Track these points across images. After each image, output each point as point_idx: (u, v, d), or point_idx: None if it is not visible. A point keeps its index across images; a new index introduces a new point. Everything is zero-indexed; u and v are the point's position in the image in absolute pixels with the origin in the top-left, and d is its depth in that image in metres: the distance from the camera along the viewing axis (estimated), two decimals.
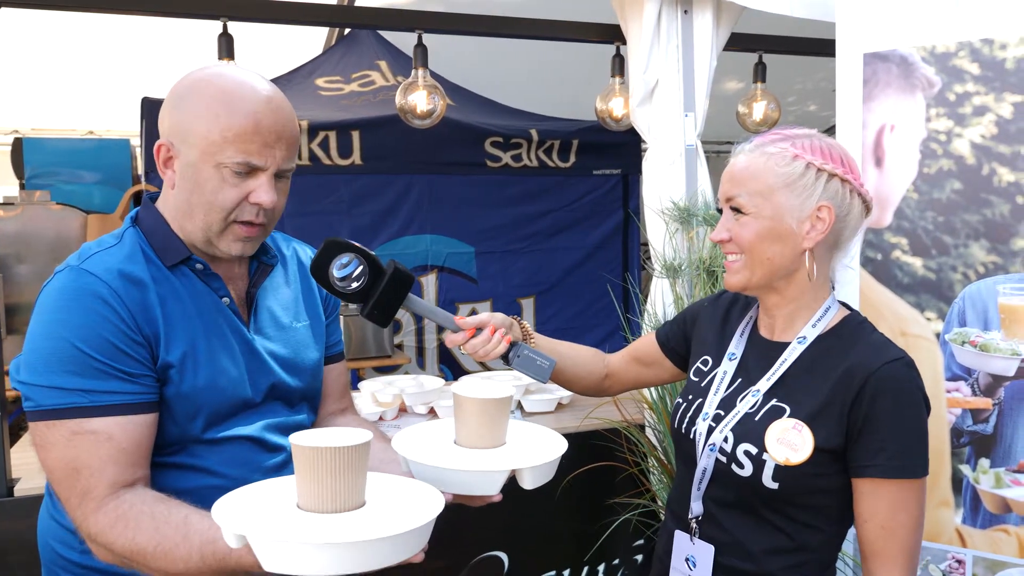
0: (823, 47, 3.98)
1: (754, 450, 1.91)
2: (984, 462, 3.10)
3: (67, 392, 1.76)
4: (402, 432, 2.11)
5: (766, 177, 1.92)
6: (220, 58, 4.29)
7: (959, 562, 3.17)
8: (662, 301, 4.01)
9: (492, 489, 1.89)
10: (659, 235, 4.07)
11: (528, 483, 1.93)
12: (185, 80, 1.91)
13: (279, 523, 1.53)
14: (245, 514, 1.57)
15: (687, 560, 2.07)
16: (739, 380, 2.06)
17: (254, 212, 1.91)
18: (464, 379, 4.48)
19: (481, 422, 1.97)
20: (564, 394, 4.30)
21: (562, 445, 2.02)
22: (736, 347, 2.11)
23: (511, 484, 1.96)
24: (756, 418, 1.95)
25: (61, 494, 1.80)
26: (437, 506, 1.64)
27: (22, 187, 7.55)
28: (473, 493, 1.90)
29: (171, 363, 1.86)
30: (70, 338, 1.77)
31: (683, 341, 2.34)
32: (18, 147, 7.59)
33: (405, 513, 1.60)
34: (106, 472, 1.76)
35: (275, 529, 1.51)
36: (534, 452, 1.97)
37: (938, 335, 3.17)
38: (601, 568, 4.15)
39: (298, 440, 1.57)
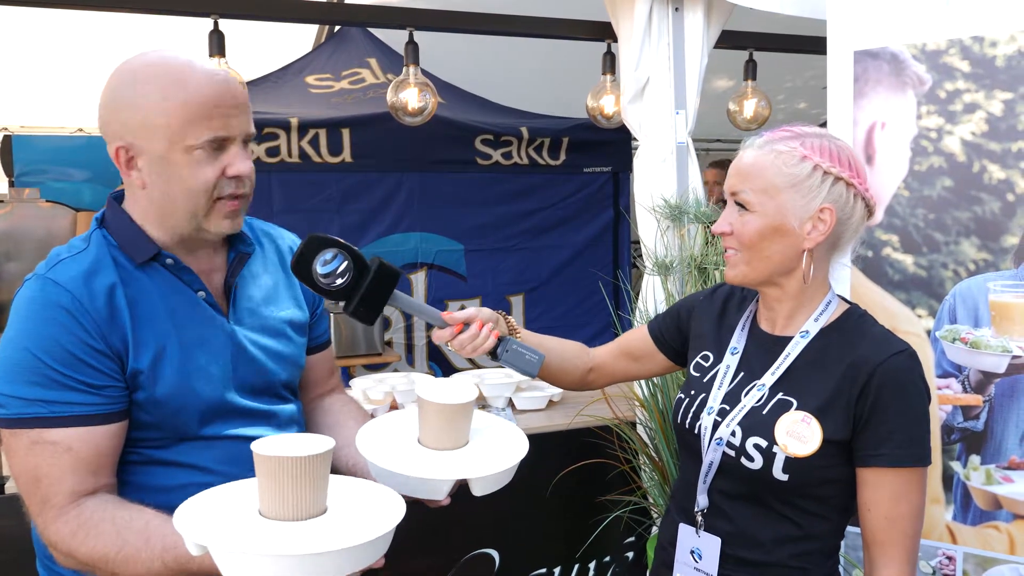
0: (814, 45, 3.99)
1: (764, 443, 1.93)
2: (975, 459, 3.11)
3: (28, 402, 1.76)
4: (372, 423, 2.13)
5: (772, 176, 1.93)
6: (211, 55, 4.28)
7: (949, 558, 3.18)
8: (653, 298, 4.01)
9: (438, 495, 1.91)
10: (650, 232, 4.08)
11: (478, 491, 1.93)
12: (124, 74, 1.87)
13: (239, 531, 1.54)
14: (206, 522, 1.57)
15: (692, 552, 2.08)
16: (742, 374, 2.08)
17: (234, 185, 1.90)
18: (429, 380, 4.48)
19: (440, 425, 1.97)
20: (555, 392, 4.31)
21: (518, 454, 2.00)
22: (737, 341, 2.13)
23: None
24: (764, 412, 1.97)
25: (25, 499, 1.82)
26: (398, 514, 1.64)
27: (11, 184, 7.52)
28: (418, 496, 1.91)
29: (141, 368, 1.85)
30: (32, 349, 1.77)
31: (677, 335, 2.35)
32: (7, 144, 7.55)
33: (366, 521, 1.60)
34: (65, 482, 1.77)
35: (235, 539, 1.51)
36: (486, 460, 1.96)
37: (929, 332, 3.18)
38: (592, 565, 4.16)
39: (259, 449, 1.56)
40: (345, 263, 1.94)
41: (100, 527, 1.74)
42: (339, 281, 1.94)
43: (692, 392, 2.15)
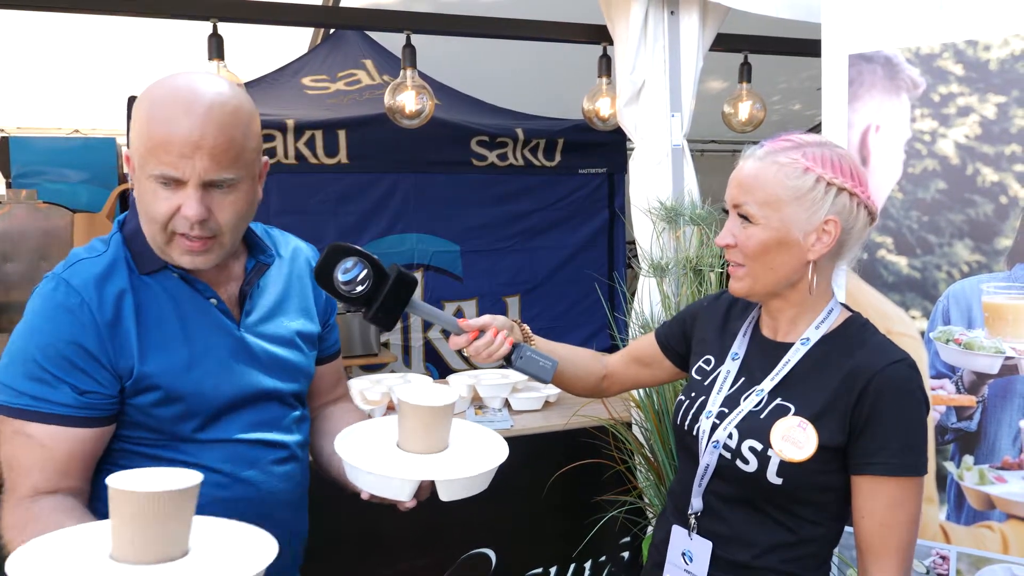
0: (808, 47, 4.00)
1: (759, 446, 1.94)
2: (968, 459, 3.13)
3: (17, 394, 1.82)
4: (360, 424, 2.16)
5: (775, 188, 1.92)
6: (210, 59, 4.30)
7: (943, 558, 3.20)
8: (649, 300, 4.02)
9: (401, 495, 1.92)
10: (646, 234, 4.09)
11: (444, 495, 1.93)
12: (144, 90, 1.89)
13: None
14: (48, 564, 1.45)
15: (683, 555, 2.09)
16: (742, 379, 2.08)
17: (187, 225, 1.84)
18: (413, 382, 4.49)
19: (416, 427, 1.99)
20: (551, 392, 4.32)
21: (490, 462, 2.01)
22: (739, 347, 2.14)
23: (494, 483, 1.99)
24: (761, 416, 1.97)
25: (5, 484, 1.86)
26: (265, 558, 1.51)
27: (8, 186, 7.55)
28: (382, 495, 1.93)
29: (148, 372, 1.88)
30: (29, 343, 1.83)
31: (683, 341, 2.36)
32: (4, 146, 7.58)
33: (228, 565, 1.49)
34: (31, 475, 1.82)
35: None
36: (454, 465, 1.98)
37: (923, 333, 3.19)
38: (588, 565, 4.17)
39: (115, 483, 1.42)
40: (365, 271, 1.99)
41: (48, 527, 1.72)
42: (359, 288, 1.99)
43: (693, 395, 2.16)
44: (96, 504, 1.88)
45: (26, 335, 1.84)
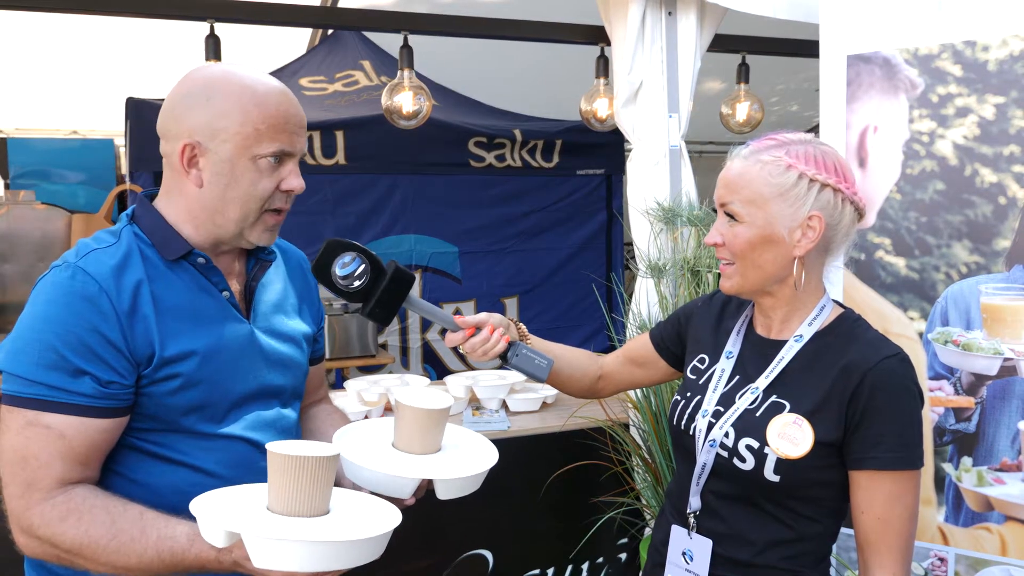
0: (806, 48, 4.01)
1: (756, 444, 1.94)
2: (966, 460, 3.12)
3: (31, 383, 1.77)
4: (353, 425, 2.20)
5: (759, 186, 1.94)
6: (207, 59, 4.29)
7: (941, 560, 3.19)
8: (647, 301, 4.02)
9: (402, 494, 1.96)
10: (644, 235, 4.09)
11: (441, 494, 1.98)
12: (198, 80, 1.92)
13: (264, 523, 1.63)
14: (228, 514, 1.65)
15: (684, 554, 2.10)
16: (737, 377, 2.09)
17: (284, 199, 1.98)
18: (411, 383, 4.49)
19: (413, 429, 2.03)
20: (549, 393, 4.32)
21: (485, 463, 2.06)
22: (733, 345, 2.14)
23: (491, 484, 1.99)
24: (757, 414, 1.98)
25: (4, 479, 1.81)
26: (396, 517, 1.75)
27: (7, 187, 7.55)
28: (383, 493, 1.95)
29: (169, 358, 1.87)
30: (47, 332, 1.78)
31: (677, 340, 2.37)
32: (2, 147, 7.58)
33: (366, 521, 1.71)
34: (54, 467, 1.77)
35: (267, 527, 1.60)
36: (452, 465, 2.02)
37: (921, 334, 3.19)
38: (585, 566, 4.17)
39: (277, 449, 1.66)
40: (363, 266, 2.03)
41: (93, 513, 1.75)
42: (357, 283, 2.03)
43: (688, 394, 2.17)
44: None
45: (40, 323, 1.80)
